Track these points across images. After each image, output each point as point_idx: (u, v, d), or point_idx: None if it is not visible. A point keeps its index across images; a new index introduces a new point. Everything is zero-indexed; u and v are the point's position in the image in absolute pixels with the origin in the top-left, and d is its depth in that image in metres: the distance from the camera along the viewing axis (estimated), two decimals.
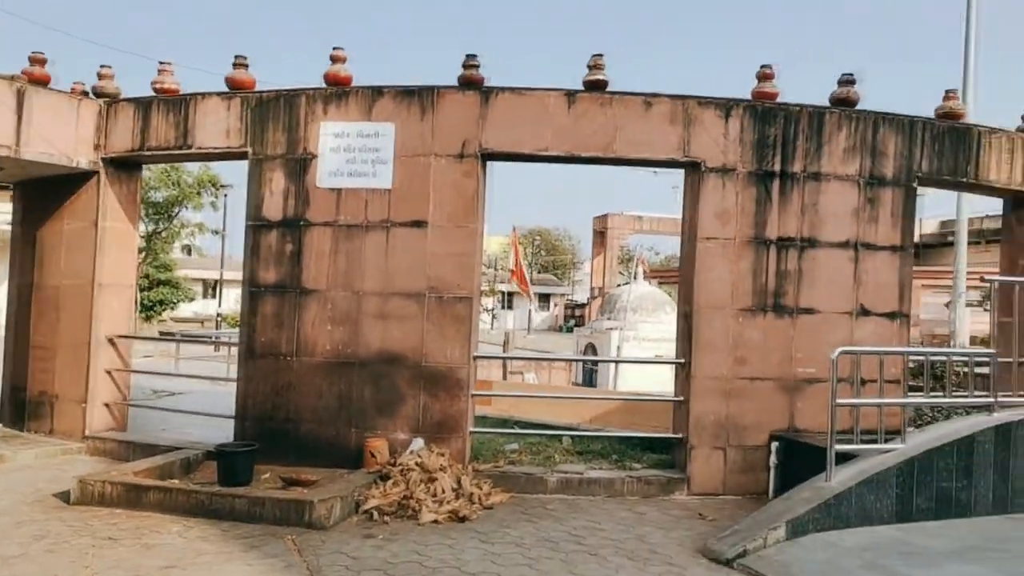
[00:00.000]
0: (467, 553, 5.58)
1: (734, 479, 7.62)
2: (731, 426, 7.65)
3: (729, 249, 7.77)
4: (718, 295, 7.74)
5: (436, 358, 7.63)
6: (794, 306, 7.81)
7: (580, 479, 7.42)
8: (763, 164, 7.79)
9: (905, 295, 8.05)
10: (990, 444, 6.40)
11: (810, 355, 7.72)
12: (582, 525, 6.38)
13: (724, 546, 5.72)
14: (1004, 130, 8.61)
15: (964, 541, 5.77)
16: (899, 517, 6.10)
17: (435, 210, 7.69)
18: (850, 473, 6.18)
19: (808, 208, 7.85)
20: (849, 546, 5.62)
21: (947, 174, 8.24)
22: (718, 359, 7.69)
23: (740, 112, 7.78)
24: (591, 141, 7.71)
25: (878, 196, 7.97)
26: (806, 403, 7.71)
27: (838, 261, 7.89)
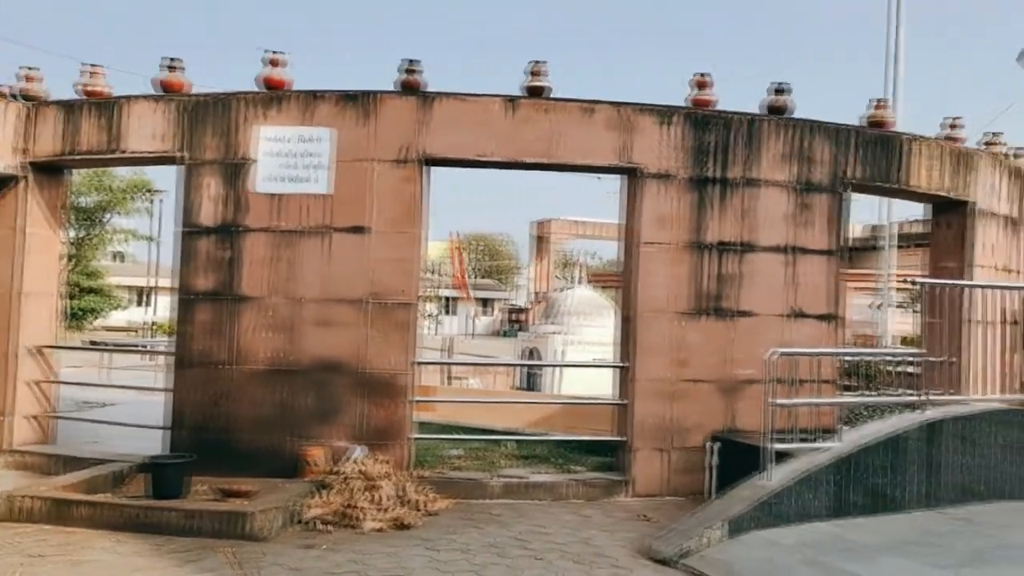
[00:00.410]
0: (412, 561, 5.52)
1: (676, 480, 7.71)
2: (672, 428, 7.75)
3: (669, 254, 7.87)
4: (658, 299, 7.83)
5: (377, 365, 7.54)
6: (732, 309, 7.96)
7: (524, 483, 7.42)
8: (701, 170, 7.93)
9: (837, 297, 8.27)
10: (920, 441, 6.61)
11: (748, 357, 7.86)
12: (527, 529, 6.37)
13: (667, 546, 5.78)
14: (929, 138, 8.94)
15: (898, 536, 5.94)
16: (835, 513, 6.25)
17: (376, 216, 7.61)
18: (787, 472, 6.31)
19: (745, 213, 8.01)
20: (788, 543, 5.74)
21: (876, 180, 8.50)
22: (659, 362, 7.78)
23: (678, 119, 7.90)
24: (533, 147, 7.73)
25: (811, 201, 8.18)
26: (744, 404, 7.86)
27: (774, 265, 8.07)
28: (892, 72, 15.71)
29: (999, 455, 6.91)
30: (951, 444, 6.73)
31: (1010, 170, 10.20)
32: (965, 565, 5.30)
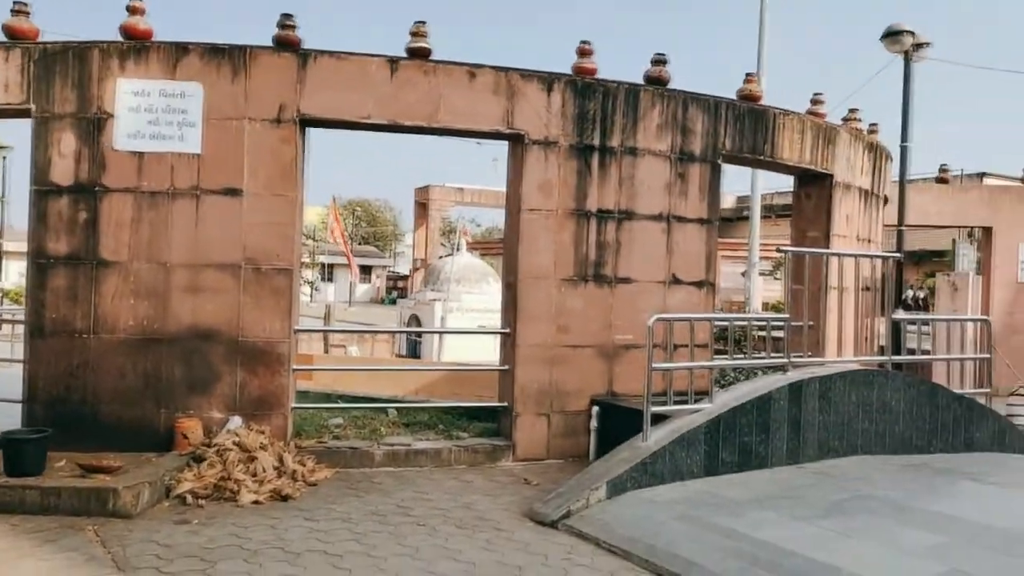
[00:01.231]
0: (291, 532, 5.38)
1: (557, 444, 7.85)
2: (554, 393, 7.87)
3: (552, 220, 7.92)
4: (541, 265, 7.89)
5: (254, 332, 7.26)
6: (613, 276, 8.11)
7: (407, 451, 7.36)
8: (584, 138, 7.99)
9: (711, 265, 8.58)
10: (785, 401, 6.97)
11: (627, 323, 8.06)
12: (410, 497, 6.33)
13: (549, 508, 5.88)
14: (795, 112, 9.34)
15: (763, 490, 6.26)
16: (707, 471, 6.52)
17: (250, 177, 7.27)
18: (664, 433, 6.53)
19: (625, 181, 8.15)
20: (664, 500, 5.95)
21: (747, 152, 8.83)
22: (541, 328, 7.86)
23: (562, 86, 7.92)
24: (415, 110, 7.57)
25: (687, 171, 8.41)
26: (624, 368, 8.06)
27: (652, 233, 8.27)
28: (759, 48, 16.27)
29: (854, 413, 7.38)
30: (812, 403, 7.13)
31: (866, 145, 10.84)
32: (824, 516, 5.64)
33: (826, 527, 5.42)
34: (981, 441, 8.05)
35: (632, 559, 5.06)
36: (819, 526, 5.44)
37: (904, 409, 7.67)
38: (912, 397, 7.73)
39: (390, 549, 5.12)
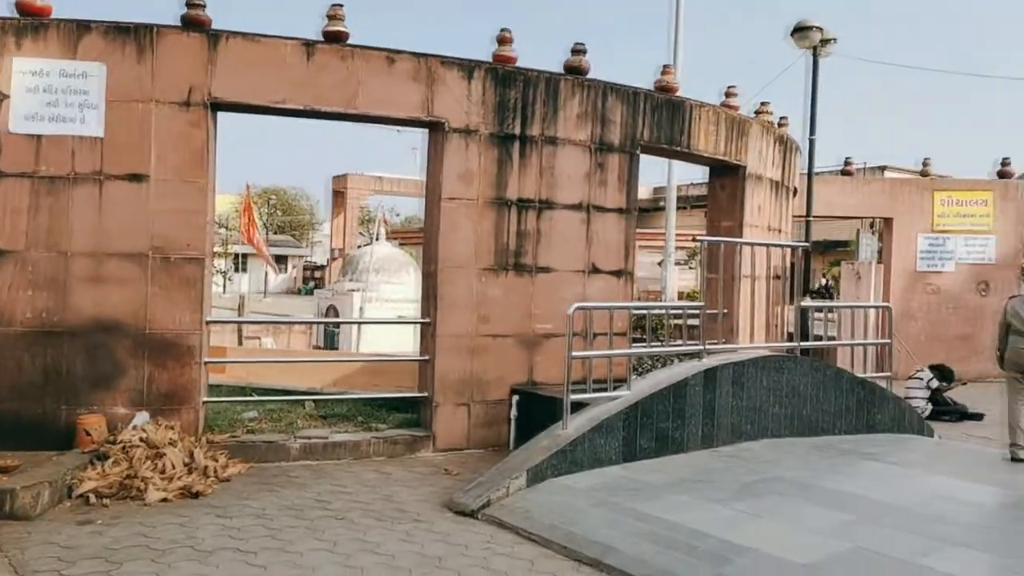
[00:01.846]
0: (202, 530, 5.21)
1: (478, 433, 7.84)
2: (474, 382, 7.85)
3: (472, 209, 7.89)
4: (461, 255, 7.84)
5: (163, 324, 6.99)
6: (533, 265, 8.14)
7: (324, 443, 7.23)
8: (504, 126, 7.97)
9: (629, 254, 8.71)
10: (700, 387, 7.13)
11: (547, 312, 8.10)
12: (328, 490, 6.22)
13: (469, 498, 5.87)
14: (709, 104, 9.54)
15: (678, 475, 6.40)
16: (625, 457, 6.62)
17: (158, 163, 6.99)
18: (583, 420, 6.59)
19: (545, 171, 8.17)
20: (583, 487, 6.01)
21: (664, 143, 8.97)
22: (462, 317, 7.82)
23: (482, 74, 7.88)
24: (332, 95, 7.40)
25: (606, 161, 8.49)
26: (544, 357, 8.11)
27: (572, 222, 8.32)
28: (674, 40, 16.55)
29: (764, 397, 7.61)
30: (726, 389, 7.32)
31: (777, 138, 11.17)
32: (736, 498, 5.80)
33: (738, 508, 5.57)
34: (882, 422, 8.41)
35: (551, 546, 5.10)
36: (732, 508, 5.59)
37: (811, 393, 7.95)
38: (818, 381, 8.02)
39: (307, 544, 5.02)
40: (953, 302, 14.99)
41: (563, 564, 4.87)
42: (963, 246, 15.05)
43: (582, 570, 4.80)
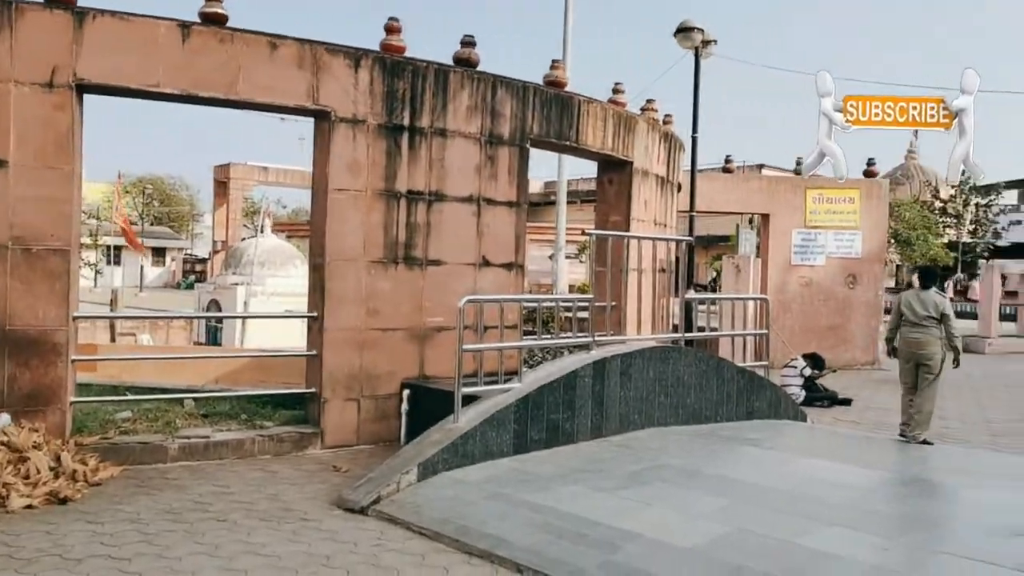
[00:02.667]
0: (71, 537, 4.89)
1: (368, 429, 7.71)
2: (364, 377, 7.71)
3: (360, 201, 7.73)
4: (350, 247, 7.68)
5: (24, 320, 6.52)
6: (423, 258, 8.05)
7: (206, 443, 6.93)
8: (393, 117, 7.84)
9: (520, 247, 8.75)
10: (589, 378, 7.24)
11: (438, 305, 8.04)
12: (208, 491, 5.96)
13: (359, 495, 5.75)
14: (598, 100, 9.69)
15: (569, 465, 6.47)
16: (517, 449, 6.64)
17: (18, 147, 6.50)
18: (475, 413, 6.57)
19: (435, 163, 8.10)
20: (474, 480, 6.00)
21: (554, 137, 9.05)
22: (351, 311, 7.66)
23: (370, 63, 7.72)
24: (210, 80, 7.08)
25: (497, 155, 8.49)
26: (435, 351, 8.04)
27: (463, 215, 8.28)
28: (564, 36, 16.74)
29: (651, 387, 7.81)
30: (614, 380, 7.45)
31: (662, 134, 11.47)
32: (625, 486, 5.92)
33: (626, 496, 5.69)
34: (760, 409, 8.78)
35: (443, 540, 5.06)
36: (620, 496, 5.70)
37: (695, 382, 8.21)
38: (702, 371, 8.29)
39: (186, 548, 4.79)
40: (824, 294, 15.83)
41: (454, 557, 4.83)
42: (833, 241, 15.91)
43: (474, 562, 4.78)
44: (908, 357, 8.24)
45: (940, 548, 4.89)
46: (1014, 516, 5.39)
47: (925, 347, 8.08)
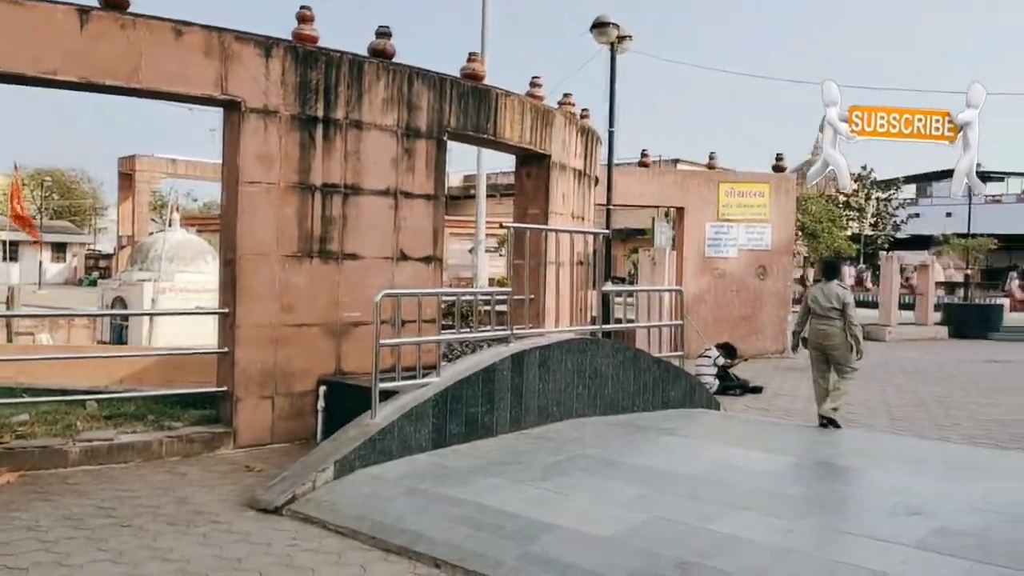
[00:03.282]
0: None
1: (283, 427, 7.54)
2: (278, 374, 7.53)
3: (273, 194, 7.54)
4: (263, 241, 7.48)
5: None
6: (340, 252, 7.92)
7: (110, 446, 6.65)
8: (306, 108, 7.67)
9: (438, 241, 8.69)
10: (508, 371, 7.25)
11: (355, 299, 7.91)
12: (113, 496, 5.73)
13: (272, 495, 5.63)
14: (516, 93, 9.70)
15: (488, 458, 6.48)
16: (435, 444, 6.61)
17: None
18: (392, 409, 6.50)
19: (351, 155, 7.96)
20: (392, 476, 5.94)
21: (471, 130, 9.02)
22: (264, 307, 7.47)
23: (281, 52, 7.53)
24: (112, 68, 6.78)
25: (414, 147, 8.41)
26: (352, 346, 7.92)
27: (380, 208, 8.18)
28: (482, 29, 16.71)
29: (570, 379, 7.88)
30: (533, 372, 7.49)
31: (579, 129, 11.57)
32: (543, 478, 5.96)
33: (545, 488, 5.72)
34: (675, 399, 8.97)
35: (360, 537, 4.99)
36: (539, 487, 5.73)
37: (612, 373, 8.32)
38: (619, 362, 8.41)
39: (87, 556, 4.59)
40: (736, 285, 16.29)
41: (372, 555, 4.78)
42: (744, 234, 16.37)
43: (391, 559, 4.73)
44: (816, 347, 8.55)
45: (844, 528, 5.09)
46: (913, 497, 5.65)
47: (831, 338, 8.36)
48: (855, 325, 8.36)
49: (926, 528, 4.95)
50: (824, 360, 8.50)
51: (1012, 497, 5.67)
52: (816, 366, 8.61)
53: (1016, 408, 10.78)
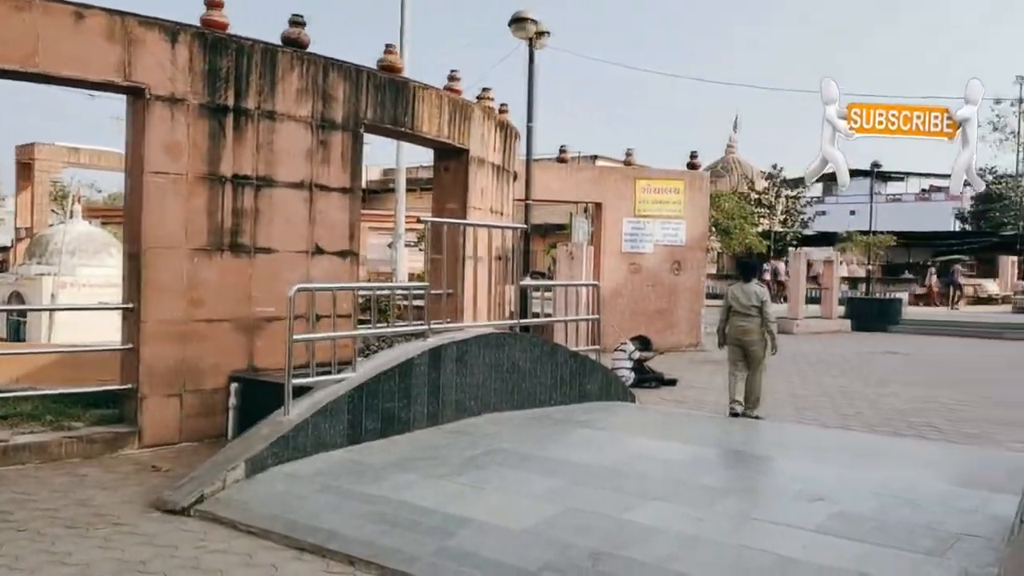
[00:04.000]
0: None
1: (192, 425, 7.31)
2: (187, 371, 7.30)
3: (181, 185, 7.29)
4: (170, 234, 7.23)
5: None
6: (252, 245, 7.72)
7: (5, 447, 6.33)
8: (216, 97, 7.44)
9: (355, 234, 8.56)
10: (425, 366, 7.21)
11: (269, 294, 7.73)
12: (7, 499, 5.45)
13: (180, 495, 5.46)
14: (433, 87, 9.64)
15: (405, 454, 6.43)
16: (351, 440, 6.52)
17: None
18: (307, 405, 6.38)
19: (263, 146, 7.77)
20: (306, 474, 5.83)
21: (389, 123, 8.92)
22: (171, 302, 7.22)
23: (189, 39, 7.28)
24: (5, 51, 6.43)
25: (329, 139, 8.26)
26: (265, 342, 7.74)
27: (294, 201, 8.00)
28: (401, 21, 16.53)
29: (487, 373, 7.88)
30: (450, 367, 7.47)
31: (498, 123, 11.58)
32: (460, 472, 5.95)
33: (461, 482, 5.72)
34: (592, 392, 9.08)
35: (272, 537, 4.89)
36: (455, 482, 5.72)
37: (530, 368, 8.37)
38: (536, 356, 8.46)
39: None
40: (652, 280, 16.60)
41: (284, 554, 4.68)
42: (660, 230, 16.70)
43: (305, 558, 4.65)
44: (736, 343, 8.97)
45: (751, 515, 5.25)
46: (816, 484, 5.87)
47: (750, 334, 8.83)
48: (772, 322, 8.87)
49: (827, 513, 5.15)
50: (742, 355, 8.90)
51: (908, 482, 5.95)
52: (733, 360, 8.99)
53: (913, 398, 11.33)
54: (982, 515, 5.12)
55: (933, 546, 4.59)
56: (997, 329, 22.89)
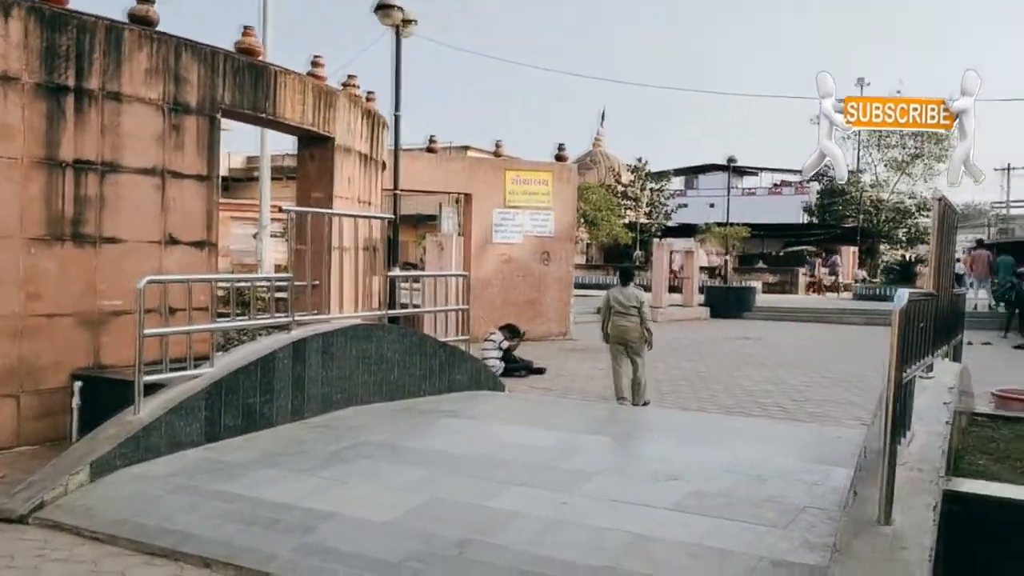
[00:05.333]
0: None
1: (31, 428, 6.82)
2: (24, 370, 6.80)
3: (15, 170, 6.76)
4: (3, 223, 6.70)
5: None
6: (97, 235, 7.26)
7: None
8: (55, 76, 6.94)
9: (212, 224, 8.21)
10: (288, 359, 7.01)
11: (116, 286, 7.29)
12: None
13: (16, 502, 5.09)
14: (296, 72, 9.37)
15: (266, 450, 6.23)
16: (209, 438, 6.26)
17: None
18: (159, 403, 6.08)
19: (109, 130, 7.31)
20: (158, 474, 5.56)
21: (248, 108, 8.60)
22: (5, 295, 6.70)
23: (23, 13, 6.75)
24: None
25: (183, 124, 7.88)
26: (113, 337, 7.31)
27: (144, 189, 7.58)
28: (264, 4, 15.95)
29: (354, 365, 7.76)
30: (315, 360, 7.29)
31: (364, 111, 11.40)
32: (324, 466, 5.83)
33: (326, 476, 5.61)
34: (461, 382, 9.11)
35: (119, 542, 4.63)
36: (319, 476, 5.61)
37: (398, 359, 8.29)
38: (405, 347, 8.40)
39: None
40: (522, 270, 16.82)
41: (133, 560, 4.45)
42: (529, 220, 16.94)
43: (156, 562, 4.44)
44: (618, 340, 9.57)
45: (611, 497, 5.41)
46: (672, 464, 6.12)
47: (631, 332, 9.49)
48: (649, 321, 9.62)
49: (682, 491, 5.38)
50: (624, 352, 9.51)
51: (755, 459, 6.30)
52: (616, 356, 9.57)
53: (763, 380, 12.03)
54: (823, 488, 5.48)
55: (777, 518, 4.88)
56: (837, 314, 24.67)
